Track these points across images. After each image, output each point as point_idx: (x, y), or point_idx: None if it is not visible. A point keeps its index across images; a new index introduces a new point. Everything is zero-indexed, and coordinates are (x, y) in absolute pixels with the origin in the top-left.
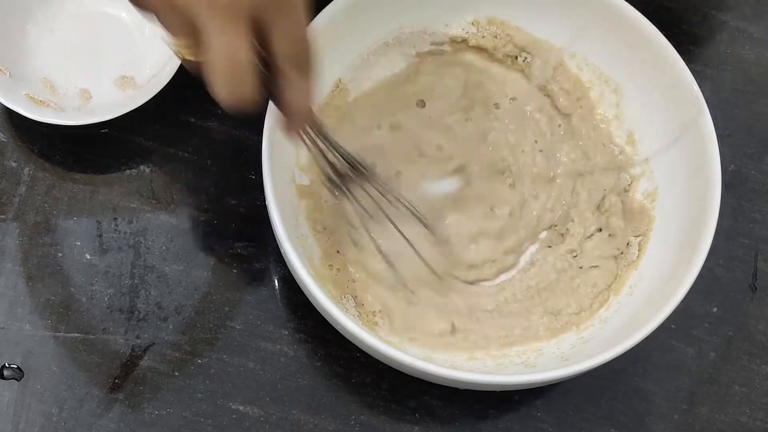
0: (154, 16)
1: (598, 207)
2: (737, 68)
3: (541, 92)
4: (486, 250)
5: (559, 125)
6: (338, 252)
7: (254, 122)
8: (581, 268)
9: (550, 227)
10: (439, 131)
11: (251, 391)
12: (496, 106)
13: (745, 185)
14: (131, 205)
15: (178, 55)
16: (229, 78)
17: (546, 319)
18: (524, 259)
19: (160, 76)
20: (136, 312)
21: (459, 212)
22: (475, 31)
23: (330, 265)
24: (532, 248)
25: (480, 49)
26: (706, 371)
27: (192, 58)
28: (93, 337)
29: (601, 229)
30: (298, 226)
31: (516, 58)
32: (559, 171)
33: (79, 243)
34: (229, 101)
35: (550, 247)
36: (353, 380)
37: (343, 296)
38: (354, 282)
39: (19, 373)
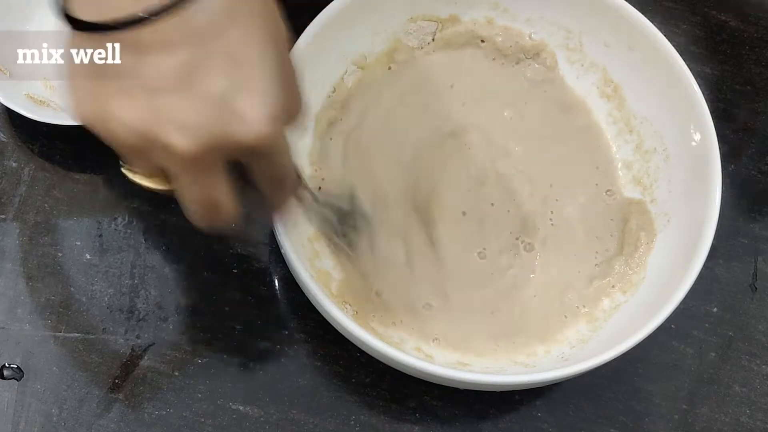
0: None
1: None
2: (737, 68)
3: (539, 92)
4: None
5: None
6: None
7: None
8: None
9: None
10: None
11: (251, 391)
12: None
13: (745, 185)
14: (131, 205)
15: (135, 182)
16: (207, 215)
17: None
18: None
19: None
20: (136, 312)
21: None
22: (475, 32)
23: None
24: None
25: (480, 50)
26: (706, 371)
27: (159, 189)
28: (93, 337)
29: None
30: (297, 226)
31: (518, 60)
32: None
33: (79, 243)
34: (206, 230)
35: None
36: (353, 380)
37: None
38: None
39: (19, 373)
